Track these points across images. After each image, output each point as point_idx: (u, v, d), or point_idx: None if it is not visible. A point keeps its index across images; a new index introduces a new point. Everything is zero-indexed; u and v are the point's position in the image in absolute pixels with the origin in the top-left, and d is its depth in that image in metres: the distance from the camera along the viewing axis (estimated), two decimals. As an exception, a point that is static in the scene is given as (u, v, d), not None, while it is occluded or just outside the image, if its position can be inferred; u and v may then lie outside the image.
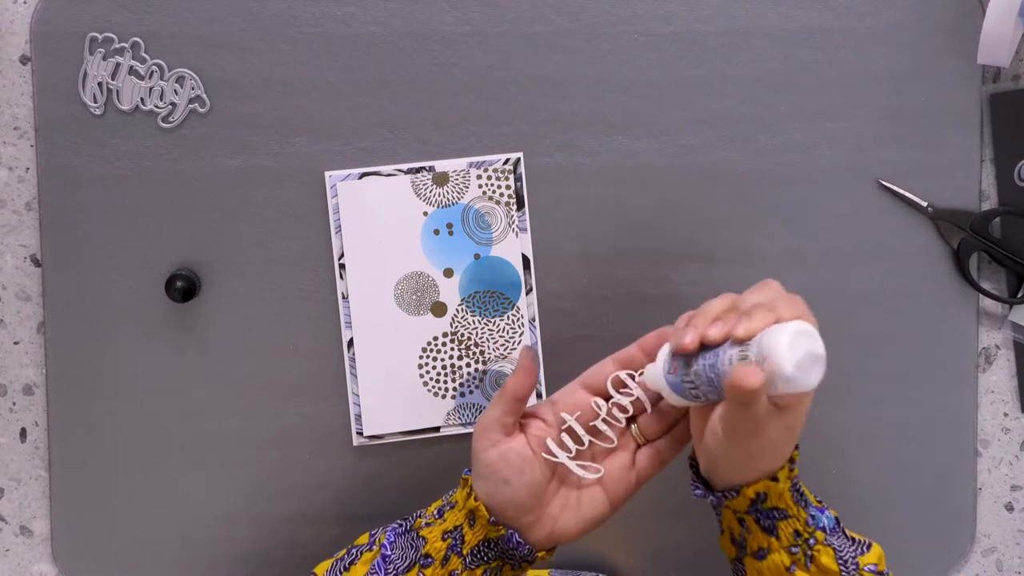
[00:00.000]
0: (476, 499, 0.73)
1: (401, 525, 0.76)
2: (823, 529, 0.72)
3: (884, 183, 0.87)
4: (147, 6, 0.87)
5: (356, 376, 0.88)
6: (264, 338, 0.89)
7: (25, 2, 0.88)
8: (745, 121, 0.89)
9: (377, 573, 0.74)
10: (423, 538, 0.74)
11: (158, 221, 0.88)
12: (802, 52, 0.89)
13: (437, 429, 0.89)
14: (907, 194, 0.87)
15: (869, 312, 0.90)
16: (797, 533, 0.72)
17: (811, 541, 0.72)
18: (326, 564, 0.76)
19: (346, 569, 0.75)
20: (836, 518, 0.73)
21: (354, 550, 0.76)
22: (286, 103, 0.88)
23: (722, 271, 0.89)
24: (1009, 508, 0.92)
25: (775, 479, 0.70)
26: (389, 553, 0.74)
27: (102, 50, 0.87)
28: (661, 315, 0.89)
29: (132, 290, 0.88)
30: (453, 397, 0.89)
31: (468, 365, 0.89)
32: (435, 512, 0.75)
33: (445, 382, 0.89)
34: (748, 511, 0.72)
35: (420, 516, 0.76)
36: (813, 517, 0.72)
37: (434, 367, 0.89)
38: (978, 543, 0.92)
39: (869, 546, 0.73)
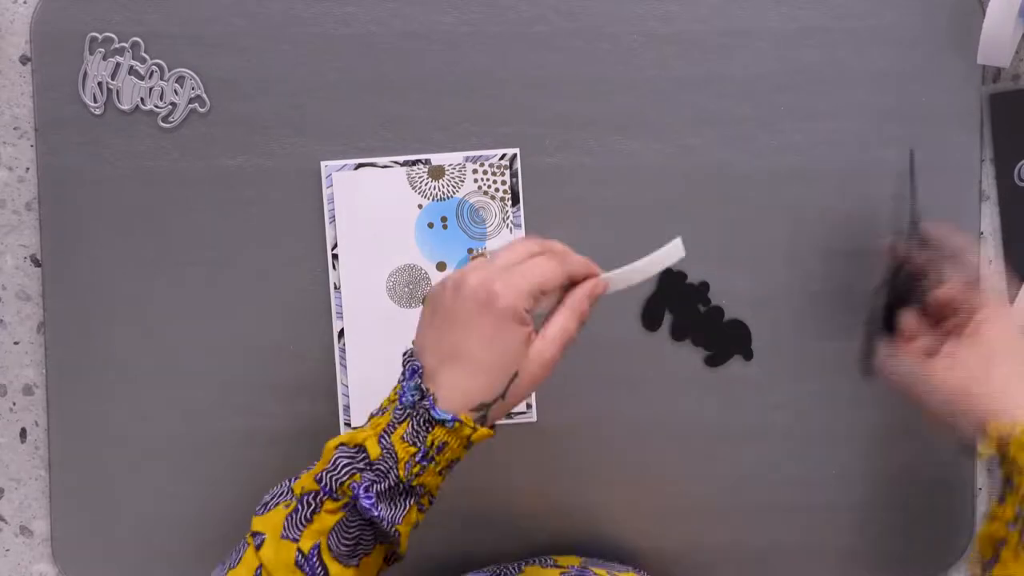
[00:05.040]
0: (489, 425, 0.71)
1: (378, 480, 0.69)
2: None
3: (912, 157, 0.86)
4: (147, 6, 0.87)
5: (346, 367, 0.89)
6: (264, 337, 0.89)
7: (25, 2, 0.88)
8: (745, 121, 0.89)
9: (349, 527, 0.68)
10: (421, 485, 0.70)
11: (158, 221, 0.88)
12: (802, 52, 0.89)
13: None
14: (915, 190, 0.86)
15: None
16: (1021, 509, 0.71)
17: None
18: (278, 517, 0.70)
19: (309, 520, 0.69)
20: None
21: (307, 498, 0.70)
22: (286, 103, 0.88)
23: (721, 270, 0.89)
24: (1009, 508, 0.92)
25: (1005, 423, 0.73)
26: (377, 513, 0.68)
27: (102, 50, 0.87)
28: (661, 315, 0.89)
29: (132, 290, 0.88)
30: (443, 390, 0.89)
31: (461, 361, 0.89)
32: (418, 458, 0.69)
33: (435, 376, 0.89)
34: (1002, 466, 0.73)
35: (388, 464, 0.69)
36: None
37: (425, 361, 0.89)
38: (978, 543, 0.92)
39: None
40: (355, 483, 0.68)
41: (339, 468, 0.69)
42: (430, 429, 0.69)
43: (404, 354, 0.73)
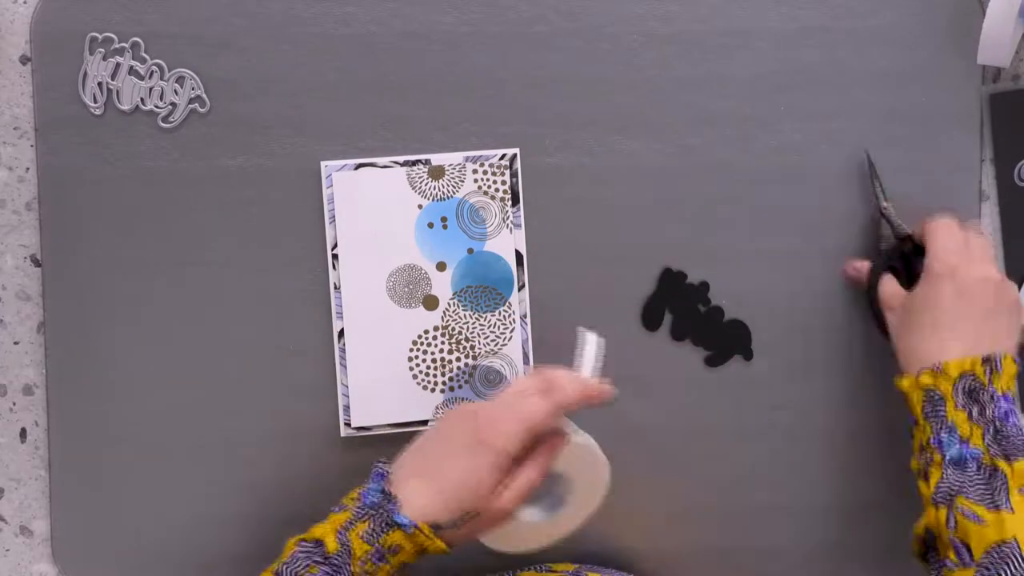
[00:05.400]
0: (447, 543, 0.74)
1: (332, 573, 0.72)
2: (945, 456, 0.75)
3: (869, 156, 0.88)
4: (147, 6, 0.87)
5: (346, 367, 0.89)
6: (264, 337, 0.89)
7: (25, 2, 0.88)
8: (745, 121, 0.89)
9: None
10: None
11: (158, 221, 0.88)
12: (802, 52, 0.89)
13: (425, 423, 0.89)
14: (877, 182, 0.88)
15: (869, 312, 0.90)
16: (922, 446, 0.78)
17: (930, 458, 0.77)
18: None
19: None
20: (989, 465, 0.74)
21: None
22: (286, 103, 0.88)
23: (720, 271, 0.89)
24: (1009, 508, 0.92)
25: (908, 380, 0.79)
26: None
27: (102, 50, 0.87)
28: (661, 315, 0.89)
29: (132, 290, 0.88)
30: (442, 391, 0.89)
31: (458, 360, 0.89)
32: (372, 558, 0.73)
33: (435, 376, 0.89)
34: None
35: (343, 558, 0.72)
36: (941, 442, 0.76)
37: (424, 360, 0.89)
38: (978, 543, 0.92)
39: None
40: (311, 575, 0.71)
41: (297, 561, 0.72)
42: (388, 531, 0.72)
43: (375, 463, 0.76)
